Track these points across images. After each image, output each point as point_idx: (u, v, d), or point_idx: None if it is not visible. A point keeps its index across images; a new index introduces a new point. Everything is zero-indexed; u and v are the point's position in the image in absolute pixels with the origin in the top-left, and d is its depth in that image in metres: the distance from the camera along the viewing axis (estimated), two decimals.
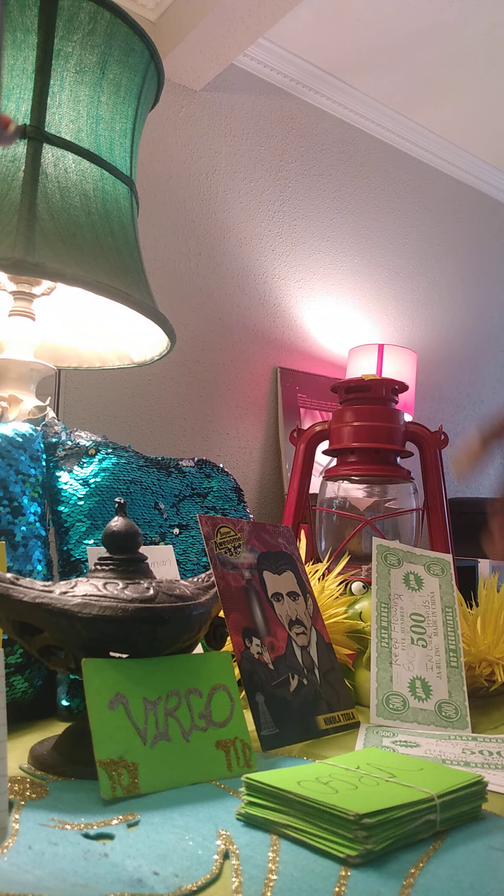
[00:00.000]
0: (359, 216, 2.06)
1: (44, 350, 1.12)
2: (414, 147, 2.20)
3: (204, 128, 1.75)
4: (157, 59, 1.01)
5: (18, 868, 0.39)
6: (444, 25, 1.76)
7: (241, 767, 0.57)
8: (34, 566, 0.77)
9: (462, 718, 0.76)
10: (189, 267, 1.68)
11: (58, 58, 0.90)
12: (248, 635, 0.70)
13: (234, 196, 1.79)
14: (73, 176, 0.91)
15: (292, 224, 1.90)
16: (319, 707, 0.72)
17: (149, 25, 1.61)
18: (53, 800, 0.50)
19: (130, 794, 0.50)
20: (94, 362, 1.15)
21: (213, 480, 1.00)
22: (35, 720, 0.73)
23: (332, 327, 1.95)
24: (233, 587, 0.71)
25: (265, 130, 1.87)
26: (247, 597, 0.73)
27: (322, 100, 1.98)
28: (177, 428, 1.61)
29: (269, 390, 1.79)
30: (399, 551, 0.90)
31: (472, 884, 0.40)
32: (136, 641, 0.58)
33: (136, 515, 0.88)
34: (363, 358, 1.78)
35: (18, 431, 0.82)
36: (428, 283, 2.23)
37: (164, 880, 0.38)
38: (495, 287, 2.43)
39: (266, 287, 1.82)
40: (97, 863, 0.40)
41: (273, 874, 0.40)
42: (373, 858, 0.42)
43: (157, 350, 1.08)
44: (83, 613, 0.55)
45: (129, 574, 0.62)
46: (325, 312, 1.94)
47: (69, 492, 0.84)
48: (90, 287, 0.85)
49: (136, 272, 0.96)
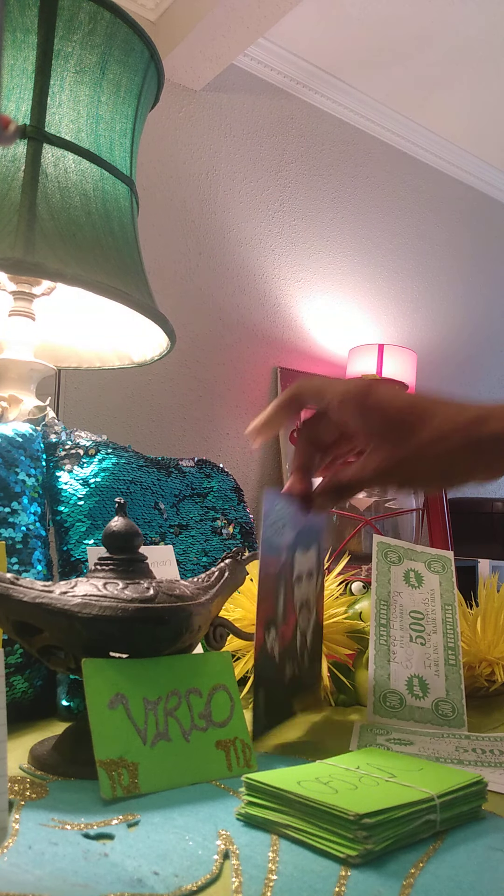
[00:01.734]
0: (359, 216, 2.06)
1: (44, 350, 1.12)
2: (414, 147, 2.20)
3: (204, 128, 1.75)
4: (157, 59, 1.01)
5: (18, 868, 0.39)
6: (444, 25, 1.75)
7: (241, 767, 0.57)
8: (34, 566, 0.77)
9: (459, 717, 0.76)
10: (189, 267, 1.68)
11: (58, 58, 0.90)
12: (269, 627, 0.63)
13: (234, 196, 1.78)
14: (74, 176, 0.91)
15: (292, 224, 1.90)
16: (300, 692, 0.72)
17: (149, 25, 1.62)
18: (53, 800, 0.50)
19: (130, 794, 0.50)
20: (94, 362, 1.15)
21: (213, 480, 1.00)
22: (35, 720, 0.73)
23: (332, 327, 1.94)
24: (271, 575, 0.63)
25: (265, 130, 1.87)
26: (277, 584, 0.65)
27: (322, 100, 1.98)
28: (177, 428, 1.61)
29: (269, 390, 1.79)
30: (400, 548, 0.90)
31: (473, 884, 0.40)
32: (136, 641, 0.58)
33: (136, 515, 0.88)
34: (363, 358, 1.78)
35: (18, 431, 0.82)
36: (428, 283, 2.23)
37: (164, 880, 0.38)
38: (495, 287, 2.43)
39: (266, 287, 1.82)
40: (97, 863, 0.40)
41: (273, 874, 0.40)
42: (373, 858, 0.42)
43: (157, 350, 1.08)
44: (83, 613, 0.55)
45: (129, 574, 0.62)
46: (325, 312, 1.93)
47: (69, 492, 0.84)
48: (90, 287, 0.85)
49: (136, 272, 0.96)
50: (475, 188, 2.39)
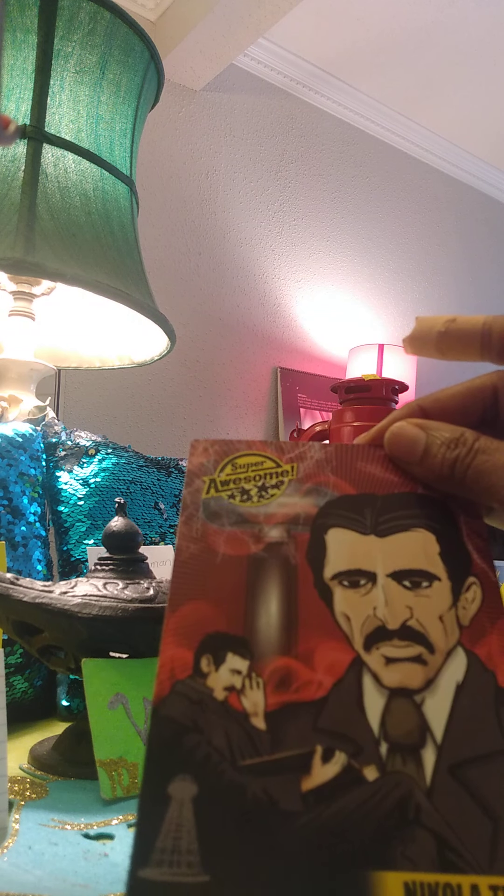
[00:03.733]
0: (359, 216, 2.06)
1: (44, 350, 1.12)
2: (414, 147, 2.20)
3: (204, 128, 1.75)
4: (157, 59, 1.01)
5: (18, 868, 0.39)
6: (444, 25, 1.75)
7: None
8: (34, 566, 0.77)
9: None
10: (189, 267, 1.68)
11: (58, 58, 0.90)
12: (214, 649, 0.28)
13: (234, 196, 1.78)
14: (73, 176, 0.91)
15: (292, 224, 1.90)
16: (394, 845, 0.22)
17: (149, 25, 1.62)
18: (53, 800, 0.50)
19: (130, 794, 0.50)
20: (94, 362, 1.16)
21: None
22: (35, 720, 0.73)
23: (332, 327, 1.94)
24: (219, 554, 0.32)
25: (265, 130, 1.87)
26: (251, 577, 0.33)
27: (322, 100, 1.98)
28: (177, 428, 1.61)
29: (269, 390, 1.79)
30: None
31: None
32: (136, 641, 0.58)
33: (136, 515, 0.88)
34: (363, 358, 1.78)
35: (18, 431, 0.82)
36: (428, 283, 2.23)
37: None
38: (495, 286, 2.43)
39: (266, 287, 1.82)
40: (97, 863, 0.40)
41: None
42: None
43: (157, 350, 1.08)
44: (83, 613, 0.55)
45: (129, 574, 0.62)
46: (324, 312, 1.93)
47: (69, 492, 0.84)
48: (90, 287, 0.85)
49: (136, 272, 0.96)
50: (475, 188, 2.39)
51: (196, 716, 0.25)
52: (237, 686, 0.26)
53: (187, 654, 0.28)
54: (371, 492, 0.34)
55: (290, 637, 0.28)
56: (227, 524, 0.33)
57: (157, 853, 0.21)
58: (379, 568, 0.30)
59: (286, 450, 0.35)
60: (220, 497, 0.34)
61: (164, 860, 0.21)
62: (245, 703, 0.26)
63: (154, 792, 0.22)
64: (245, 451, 0.35)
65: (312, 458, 0.35)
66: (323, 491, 0.34)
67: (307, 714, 0.25)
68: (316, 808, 0.23)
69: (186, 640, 0.29)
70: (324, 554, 0.31)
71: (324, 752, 0.24)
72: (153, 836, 0.22)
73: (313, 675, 0.27)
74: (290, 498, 0.34)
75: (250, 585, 0.31)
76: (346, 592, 0.30)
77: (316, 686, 0.26)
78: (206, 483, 0.34)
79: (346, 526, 0.32)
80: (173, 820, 0.22)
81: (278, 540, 0.33)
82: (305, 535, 0.32)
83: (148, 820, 0.22)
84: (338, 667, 0.27)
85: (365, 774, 0.24)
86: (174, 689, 0.26)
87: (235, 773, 0.23)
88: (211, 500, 0.34)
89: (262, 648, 0.28)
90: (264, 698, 0.26)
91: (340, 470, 0.35)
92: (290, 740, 0.25)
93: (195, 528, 0.32)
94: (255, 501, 0.34)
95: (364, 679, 0.26)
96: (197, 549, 0.31)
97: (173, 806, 0.22)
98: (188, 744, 0.24)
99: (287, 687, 0.26)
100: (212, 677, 0.27)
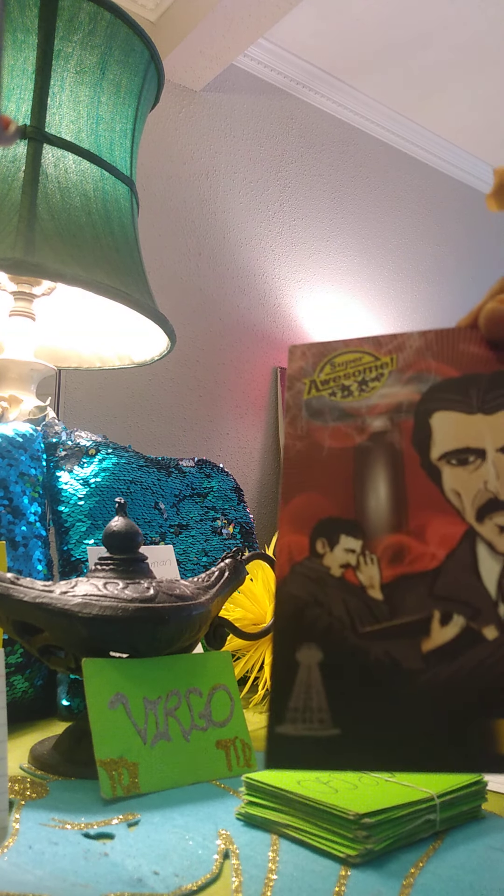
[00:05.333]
0: (359, 216, 2.06)
1: (44, 350, 1.12)
2: (414, 147, 2.20)
3: (204, 128, 1.75)
4: (157, 60, 1.01)
5: (18, 868, 0.39)
6: (444, 25, 1.76)
7: (241, 767, 0.57)
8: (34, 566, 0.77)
9: None
10: (189, 267, 1.68)
11: (58, 58, 0.90)
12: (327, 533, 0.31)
13: (234, 196, 1.79)
14: (74, 176, 0.91)
15: (292, 224, 1.90)
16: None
17: (149, 25, 1.62)
18: (53, 799, 0.50)
19: (130, 794, 0.50)
20: (95, 362, 1.16)
21: (213, 480, 1.00)
22: (35, 720, 0.73)
23: (333, 327, 1.95)
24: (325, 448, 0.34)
25: (265, 130, 1.87)
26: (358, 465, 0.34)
27: (322, 100, 1.98)
28: (177, 428, 1.61)
29: (269, 390, 1.79)
30: None
31: (472, 883, 0.40)
32: (136, 641, 0.58)
33: (136, 515, 0.88)
34: None
35: (19, 431, 0.82)
36: (428, 284, 2.23)
37: (165, 880, 0.38)
38: None
39: (266, 287, 1.82)
40: (97, 862, 0.40)
41: (273, 874, 0.40)
42: (373, 858, 0.42)
43: (157, 350, 1.08)
44: (83, 613, 0.55)
45: (130, 574, 0.62)
46: (325, 313, 1.94)
47: (69, 492, 0.84)
48: (90, 287, 0.85)
49: (136, 272, 0.96)
50: (475, 188, 2.39)
51: (316, 591, 0.28)
52: (352, 563, 0.29)
53: (303, 539, 0.30)
54: (476, 371, 0.34)
55: (401, 516, 0.30)
56: (331, 420, 0.34)
57: (291, 712, 0.25)
58: (488, 444, 0.31)
59: (384, 343, 0.36)
60: (322, 396, 0.35)
61: (298, 717, 0.25)
62: (361, 578, 0.28)
63: (284, 659, 0.26)
64: (342, 350, 0.36)
65: (412, 347, 0.36)
66: (425, 377, 0.35)
67: (423, 583, 0.27)
68: (437, 665, 0.25)
69: (301, 526, 0.31)
70: (429, 436, 0.32)
71: (442, 615, 0.27)
72: (286, 697, 0.25)
73: (426, 548, 0.28)
74: (391, 388, 0.35)
75: (357, 473, 0.33)
76: (454, 470, 0.31)
77: (430, 558, 0.28)
78: (307, 384, 0.35)
79: (451, 408, 0.33)
80: (303, 682, 0.25)
81: (382, 429, 0.34)
82: (409, 421, 0.33)
83: (281, 684, 0.25)
84: (450, 539, 0.28)
85: (485, 634, 0.26)
86: (293, 569, 0.29)
87: (357, 638, 0.26)
88: (312, 399, 0.35)
89: (373, 528, 0.30)
90: (379, 572, 0.28)
91: (442, 355, 0.35)
92: (407, 607, 0.27)
93: (300, 427, 0.34)
94: (357, 396, 0.35)
95: (478, 548, 0.28)
96: (303, 445, 0.33)
97: (302, 670, 0.26)
98: (310, 615, 0.27)
99: (401, 560, 0.28)
100: (328, 557, 0.29)
